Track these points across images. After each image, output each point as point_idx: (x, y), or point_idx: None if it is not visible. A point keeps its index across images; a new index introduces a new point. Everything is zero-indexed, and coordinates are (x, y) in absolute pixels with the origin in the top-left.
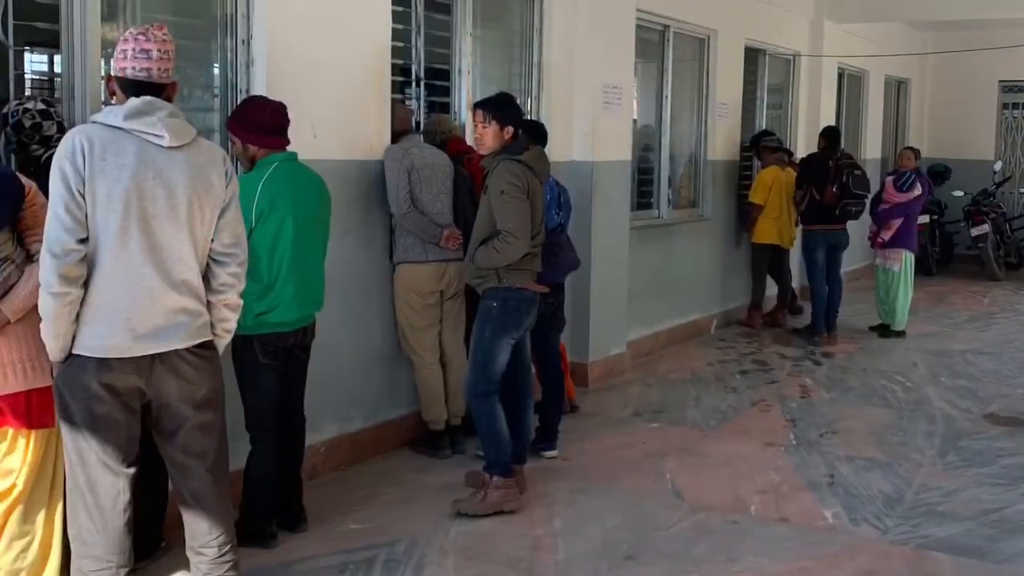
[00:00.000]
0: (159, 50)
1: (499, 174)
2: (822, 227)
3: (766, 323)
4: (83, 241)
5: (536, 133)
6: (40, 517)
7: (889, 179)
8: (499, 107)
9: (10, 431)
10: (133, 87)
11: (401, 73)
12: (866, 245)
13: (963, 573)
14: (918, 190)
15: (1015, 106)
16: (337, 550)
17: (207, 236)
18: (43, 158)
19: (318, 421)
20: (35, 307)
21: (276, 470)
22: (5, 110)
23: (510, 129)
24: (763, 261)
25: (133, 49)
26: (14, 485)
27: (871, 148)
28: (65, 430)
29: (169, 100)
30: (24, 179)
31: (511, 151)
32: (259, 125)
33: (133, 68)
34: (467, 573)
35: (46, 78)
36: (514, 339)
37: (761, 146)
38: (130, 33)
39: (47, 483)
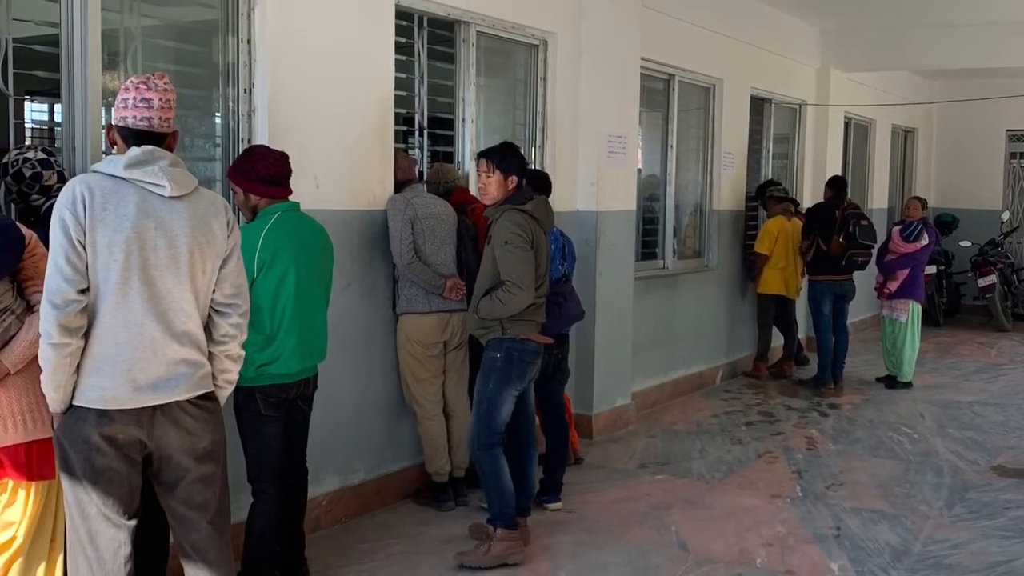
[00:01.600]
0: (160, 99)
1: (503, 224)
2: (828, 277)
3: (772, 374)
4: (84, 291)
5: (540, 183)
6: (41, 570)
7: (896, 229)
8: (503, 157)
9: (10, 483)
10: (134, 136)
11: (404, 122)
12: (872, 295)
13: None
14: (925, 240)
15: (1023, 155)
16: None
17: (209, 286)
18: (43, 208)
19: (320, 473)
20: (35, 358)
21: (278, 522)
22: (5, 159)
23: (514, 179)
24: (769, 312)
25: (134, 98)
26: (14, 537)
27: (878, 198)
28: (65, 482)
29: (170, 149)
30: (24, 229)
31: (515, 201)
32: (261, 175)
33: (134, 117)
34: None
35: (46, 127)
36: (518, 391)
37: (767, 196)
38: (131, 82)
39: (47, 535)
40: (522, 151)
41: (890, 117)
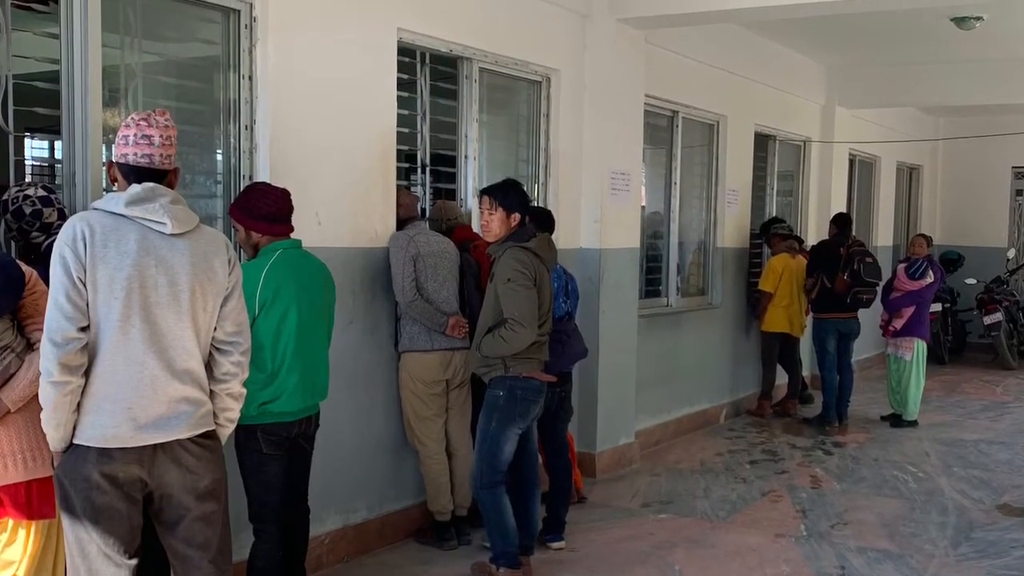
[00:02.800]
0: (161, 136)
1: (506, 262)
2: (833, 315)
3: (776, 412)
4: (84, 329)
5: (543, 220)
6: None
7: (901, 266)
8: (505, 194)
9: (10, 522)
10: (135, 173)
11: (406, 159)
12: (877, 333)
13: None
14: (930, 278)
15: None
16: None
17: (210, 324)
18: (43, 245)
19: (322, 512)
20: (36, 396)
21: (280, 562)
22: (5, 196)
23: (517, 216)
24: (773, 350)
25: (135, 135)
26: None
27: (883, 235)
28: (66, 521)
29: (171, 186)
30: (24, 266)
31: (517, 238)
32: (262, 212)
33: (135, 154)
34: None
35: (47, 164)
36: (521, 429)
37: (771, 233)
38: (132, 119)
39: (48, 575)
40: (525, 188)
41: (895, 154)
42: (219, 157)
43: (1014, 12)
